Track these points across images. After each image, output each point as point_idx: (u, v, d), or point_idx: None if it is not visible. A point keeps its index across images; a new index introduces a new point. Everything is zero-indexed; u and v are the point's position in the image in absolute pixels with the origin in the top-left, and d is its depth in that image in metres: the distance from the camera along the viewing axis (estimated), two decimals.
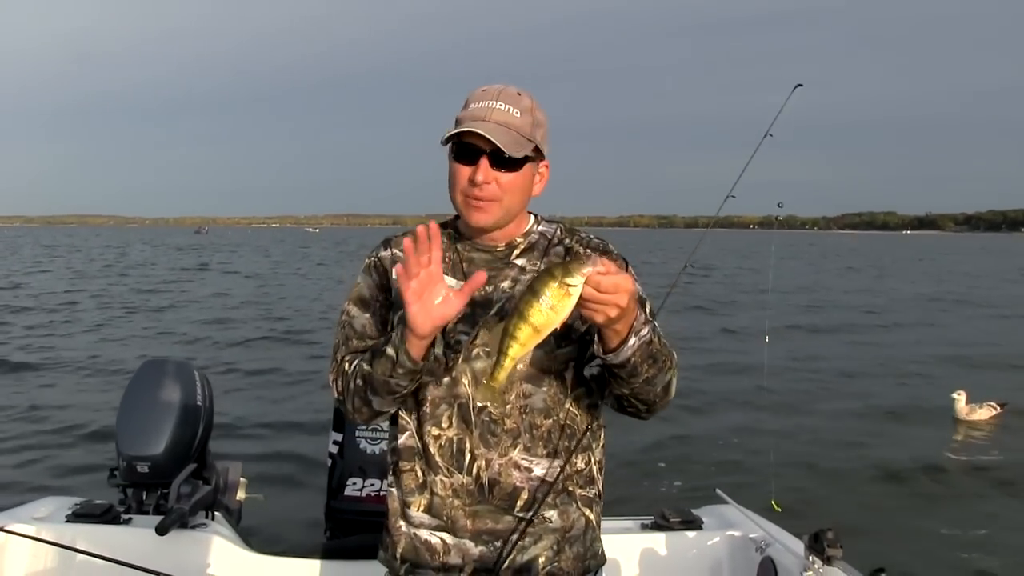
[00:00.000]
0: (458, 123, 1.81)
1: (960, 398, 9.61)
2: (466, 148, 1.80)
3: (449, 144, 1.84)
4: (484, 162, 1.79)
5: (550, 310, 1.53)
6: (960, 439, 9.13)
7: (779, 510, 3.13)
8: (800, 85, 2.19)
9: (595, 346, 1.70)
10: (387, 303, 1.92)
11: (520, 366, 1.81)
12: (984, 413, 9.61)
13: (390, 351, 1.73)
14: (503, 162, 1.79)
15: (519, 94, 1.84)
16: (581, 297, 1.53)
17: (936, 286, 32.40)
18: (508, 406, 1.83)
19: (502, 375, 1.62)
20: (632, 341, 1.67)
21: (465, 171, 1.81)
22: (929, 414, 9.99)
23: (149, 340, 15.73)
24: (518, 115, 1.81)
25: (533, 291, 1.54)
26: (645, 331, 1.69)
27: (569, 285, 1.51)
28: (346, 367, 1.87)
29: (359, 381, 1.82)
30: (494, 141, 1.75)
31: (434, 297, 1.65)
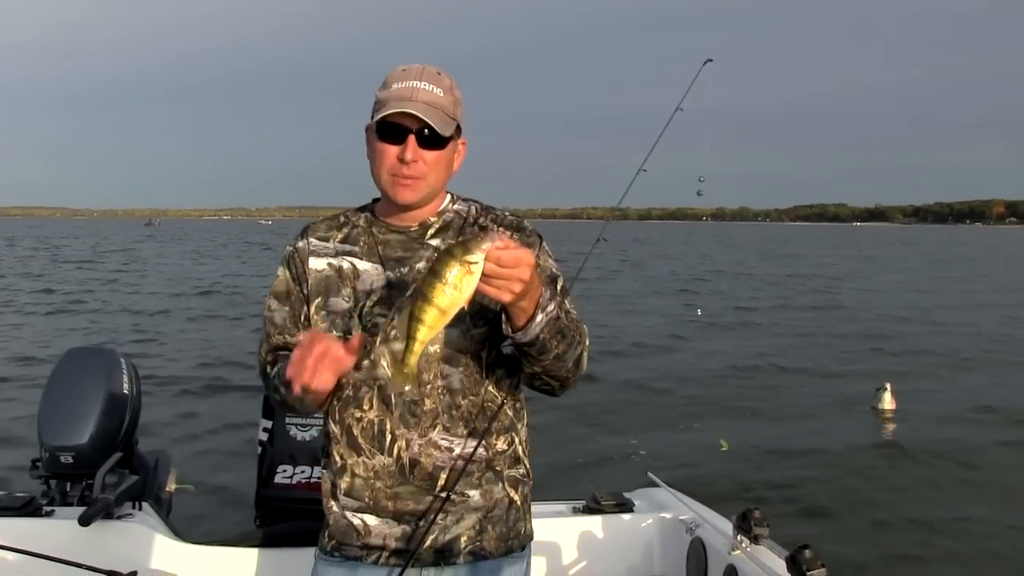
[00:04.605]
0: (382, 103, 1.81)
1: (887, 390, 9.65)
2: (392, 127, 1.80)
3: (372, 124, 1.84)
4: (412, 140, 1.80)
5: (454, 290, 1.52)
6: (888, 426, 9.35)
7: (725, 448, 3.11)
8: (710, 60, 2.20)
9: (504, 326, 1.71)
10: (302, 295, 1.93)
11: (436, 348, 1.83)
12: (895, 402, 9.70)
13: (297, 392, 1.75)
14: (429, 141, 1.80)
15: (439, 73, 1.84)
16: (484, 275, 1.53)
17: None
18: (428, 386, 1.84)
19: (412, 360, 1.61)
20: (539, 318, 1.68)
21: (392, 150, 1.81)
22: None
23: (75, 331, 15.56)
24: (441, 94, 1.82)
25: (435, 272, 1.54)
26: (551, 307, 1.71)
27: (470, 263, 1.51)
28: (268, 369, 1.93)
29: (278, 395, 1.89)
30: (428, 121, 1.76)
31: (328, 364, 1.64)
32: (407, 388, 1.76)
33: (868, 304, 22.36)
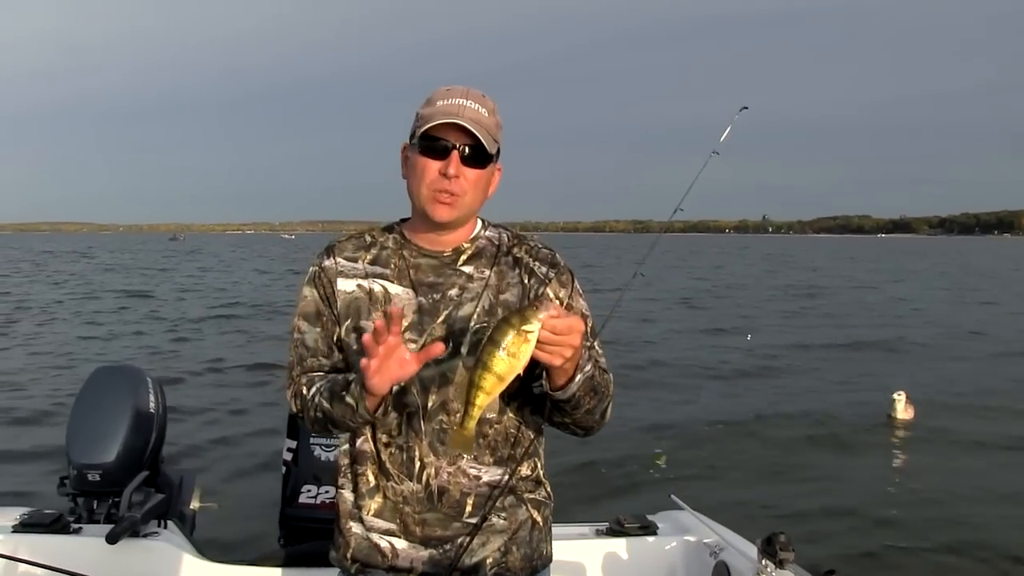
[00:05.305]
0: (426, 118, 1.81)
1: (900, 399, 9.50)
2: (436, 143, 1.80)
3: (414, 140, 1.84)
4: (455, 156, 1.80)
5: (511, 357, 1.59)
6: (904, 434, 9.24)
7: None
8: (746, 108, 2.30)
9: (544, 383, 1.74)
10: (333, 315, 1.92)
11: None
12: (911, 411, 9.52)
13: (349, 400, 1.76)
14: (472, 158, 1.81)
15: (483, 96, 1.85)
16: (539, 342, 1.59)
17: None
18: (456, 415, 1.83)
19: (471, 424, 1.68)
20: (578, 378, 1.72)
21: (435, 165, 1.81)
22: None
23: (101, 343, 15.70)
24: (487, 115, 1.82)
25: (493, 341, 1.60)
26: (588, 367, 1.76)
27: (527, 332, 1.58)
28: (304, 391, 1.89)
29: (319, 414, 1.85)
30: (477, 135, 1.77)
31: (393, 364, 1.67)
32: (452, 437, 1.80)
33: (877, 311, 22.39)
